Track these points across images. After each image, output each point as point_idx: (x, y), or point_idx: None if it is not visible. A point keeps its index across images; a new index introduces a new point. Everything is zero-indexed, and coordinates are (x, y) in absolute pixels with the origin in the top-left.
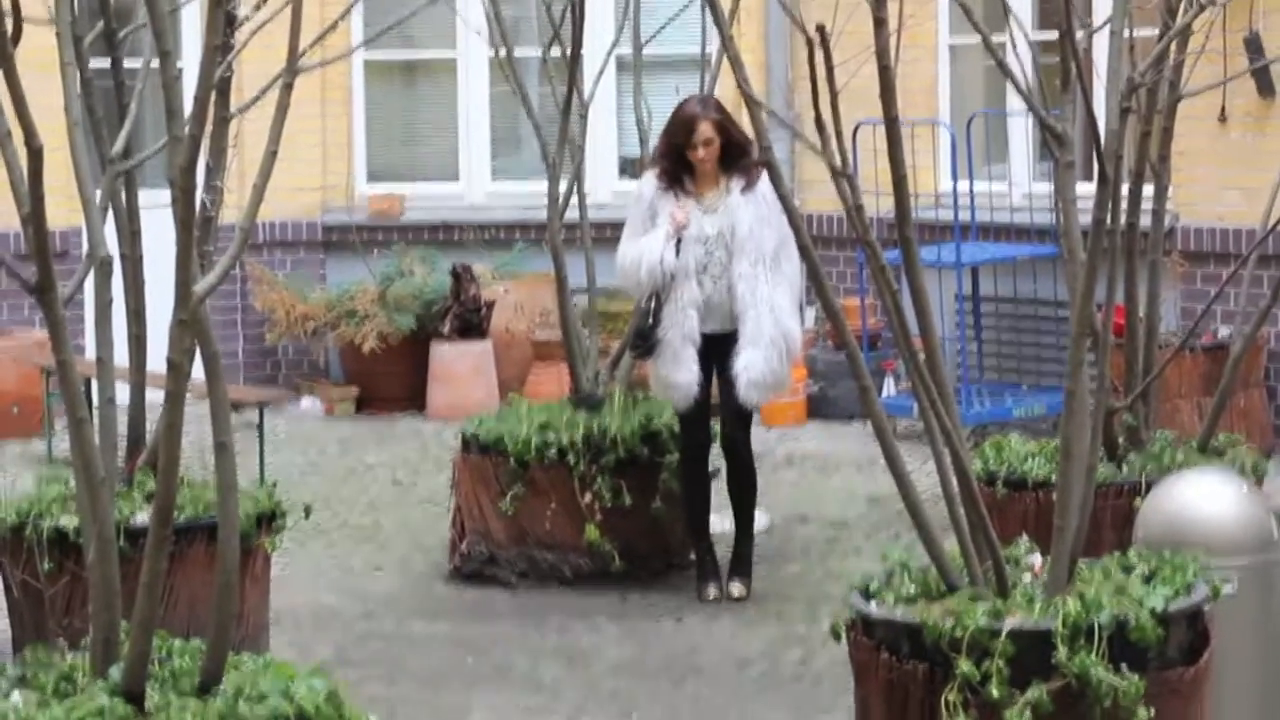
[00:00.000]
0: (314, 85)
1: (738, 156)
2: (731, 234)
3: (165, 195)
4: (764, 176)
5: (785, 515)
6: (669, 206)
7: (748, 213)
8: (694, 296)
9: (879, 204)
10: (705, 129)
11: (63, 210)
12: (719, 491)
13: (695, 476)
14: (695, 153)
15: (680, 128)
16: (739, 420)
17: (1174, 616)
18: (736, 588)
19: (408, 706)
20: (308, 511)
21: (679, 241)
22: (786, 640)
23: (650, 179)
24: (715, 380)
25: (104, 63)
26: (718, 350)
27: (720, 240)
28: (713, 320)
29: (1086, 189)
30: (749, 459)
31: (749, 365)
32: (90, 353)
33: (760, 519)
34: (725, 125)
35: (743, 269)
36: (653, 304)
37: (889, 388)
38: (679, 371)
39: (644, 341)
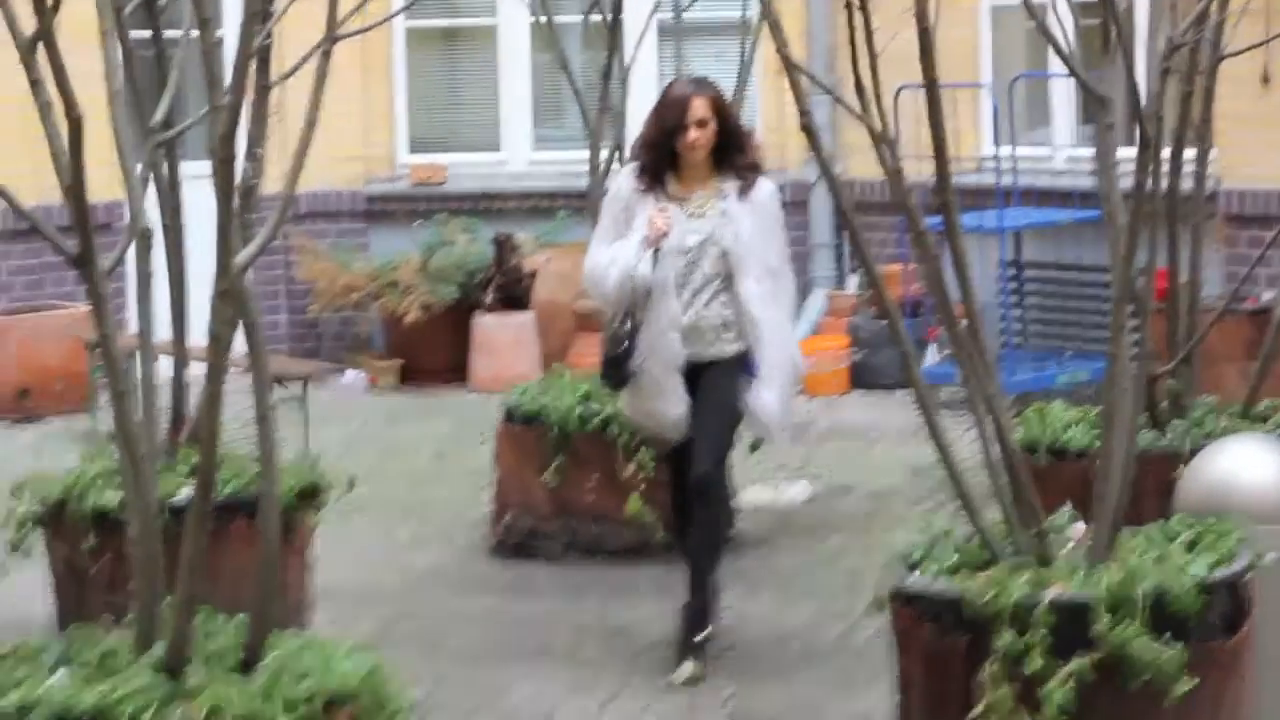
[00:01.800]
0: (355, 53)
1: (734, 153)
2: (735, 242)
3: (207, 166)
4: (768, 186)
5: (827, 486)
6: (648, 209)
7: (747, 222)
8: (674, 317)
9: (921, 169)
10: (700, 106)
11: (104, 182)
12: (759, 462)
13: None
14: (687, 135)
15: (670, 107)
16: (718, 458)
17: (1215, 585)
18: (688, 669)
19: (448, 683)
20: (351, 485)
21: (656, 252)
22: (828, 613)
23: (628, 176)
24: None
25: (144, 33)
26: (698, 374)
27: (705, 251)
28: (691, 345)
29: (1128, 152)
30: (722, 505)
31: (769, 404)
32: (133, 326)
33: (802, 489)
34: (723, 108)
35: (749, 287)
36: (626, 326)
37: (931, 355)
38: (668, 404)
39: (616, 371)
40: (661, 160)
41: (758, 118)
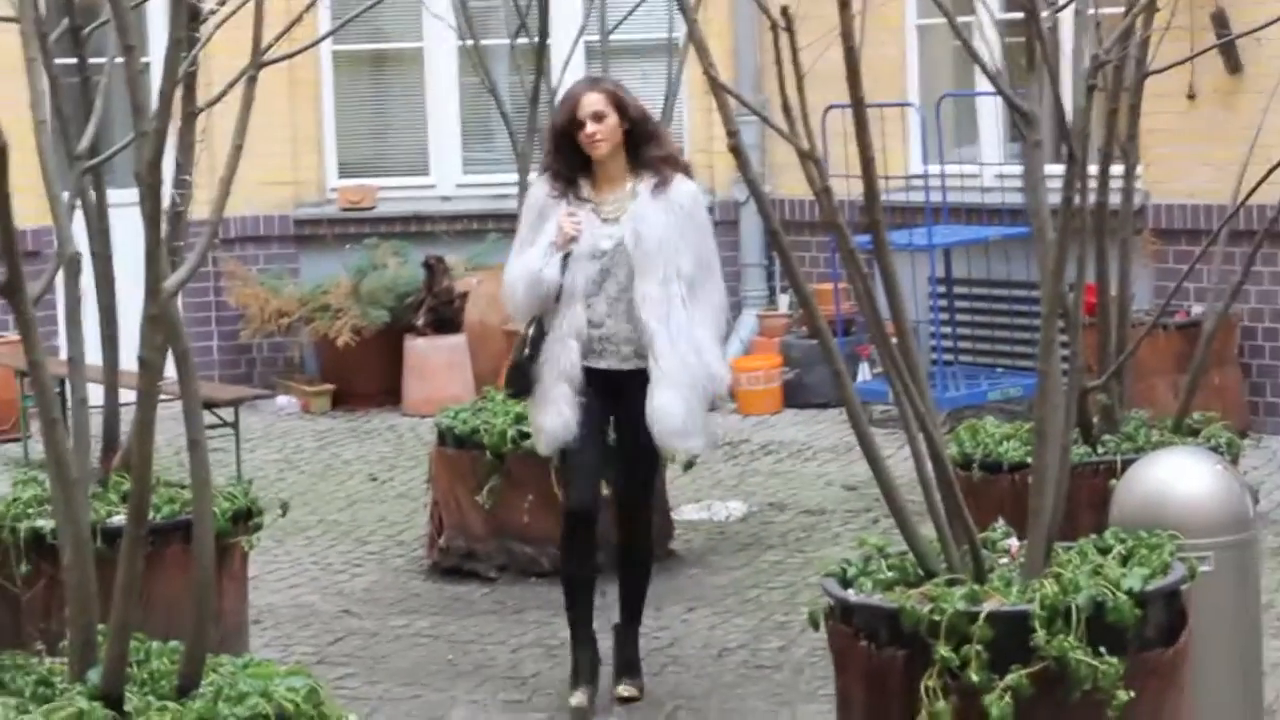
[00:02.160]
0: (282, 78)
1: (645, 146)
2: (635, 243)
3: (134, 192)
4: (688, 187)
5: (762, 503)
6: (559, 215)
7: (658, 220)
8: (577, 324)
9: (849, 187)
10: (593, 100)
11: (31, 209)
12: (693, 480)
13: (580, 551)
14: (584, 133)
15: (563, 105)
16: (640, 478)
17: (1151, 597)
18: (625, 689)
19: (389, 703)
20: (285, 509)
21: (567, 257)
22: (766, 629)
23: (541, 183)
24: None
25: (70, 60)
26: (613, 391)
27: (621, 255)
28: (609, 354)
29: (1056, 169)
30: (648, 530)
31: (665, 412)
32: (63, 353)
33: (737, 507)
34: (621, 99)
35: (648, 289)
36: (532, 331)
37: (864, 373)
38: (547, 415)
39: (520, 377)
40: (571, 164)
41: (686, 138)
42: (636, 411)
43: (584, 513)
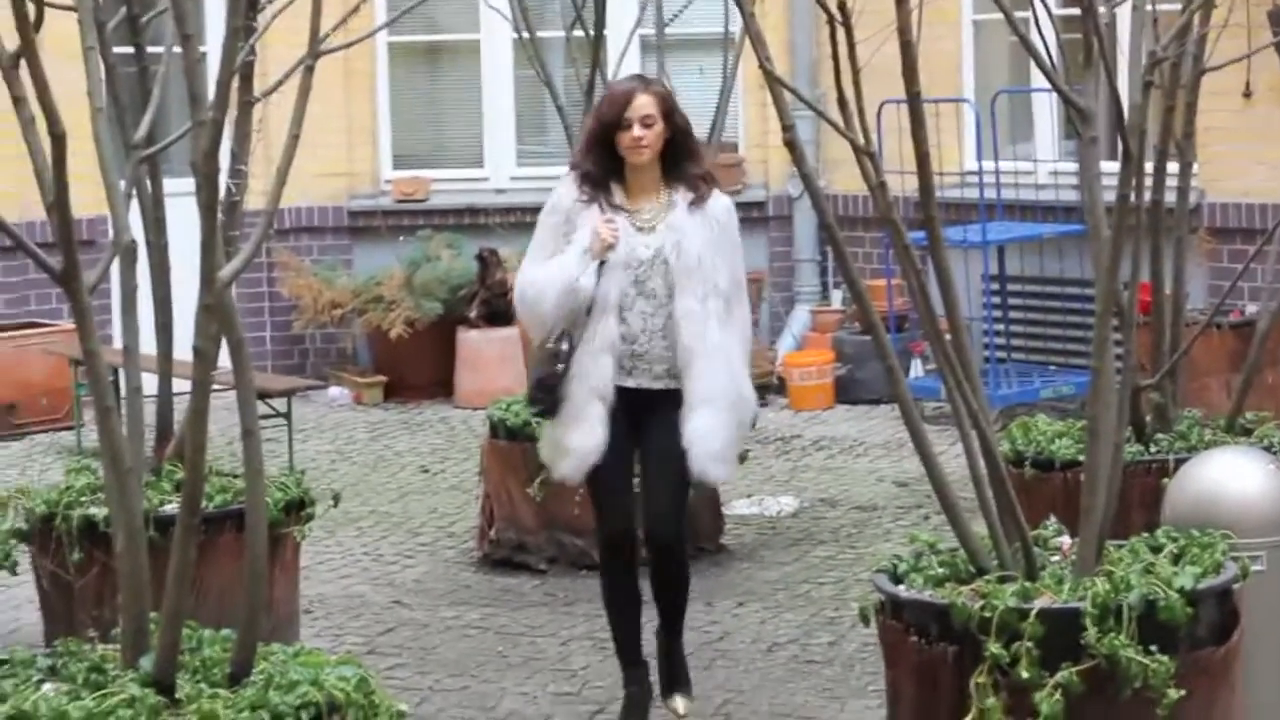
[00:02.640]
0: (338, 69)
1: (685, 161)
2: (676, 256)
3: (190, 182)
4: (724, 201)
5: (813, 498)
6: (591, 220)
7: (696, 233)
8: (610, 338)
9: (904, 183)
10: (645, 103)
11: (88, 198)
12: (745, 476)
13: (625, 578)
14: (630, 134)
15: (612, 102)
16: (673, 506)
17: (1203, 596)
18: (680, 703)
19: (438, 694)
20: (336, 499)
21: (601, 265)
22: (816, 624)
23: (568, 185)
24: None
25: (127, 49)
26: (639, 412)
27: (657, 266)
28: (641, 372)
29: (1111, 166)
30: (682, 556)
31: (706, 433)
32: (118, 342)
33: (788, 502)
34: (672, 107)
35: (688, 305)
36: (564, 345)
37: (916, 369)
38: (577, 433)
39: (548, 395)
40: (605, 166)
41: (741, 132)
42: (668, 434)
43: (625, 536)
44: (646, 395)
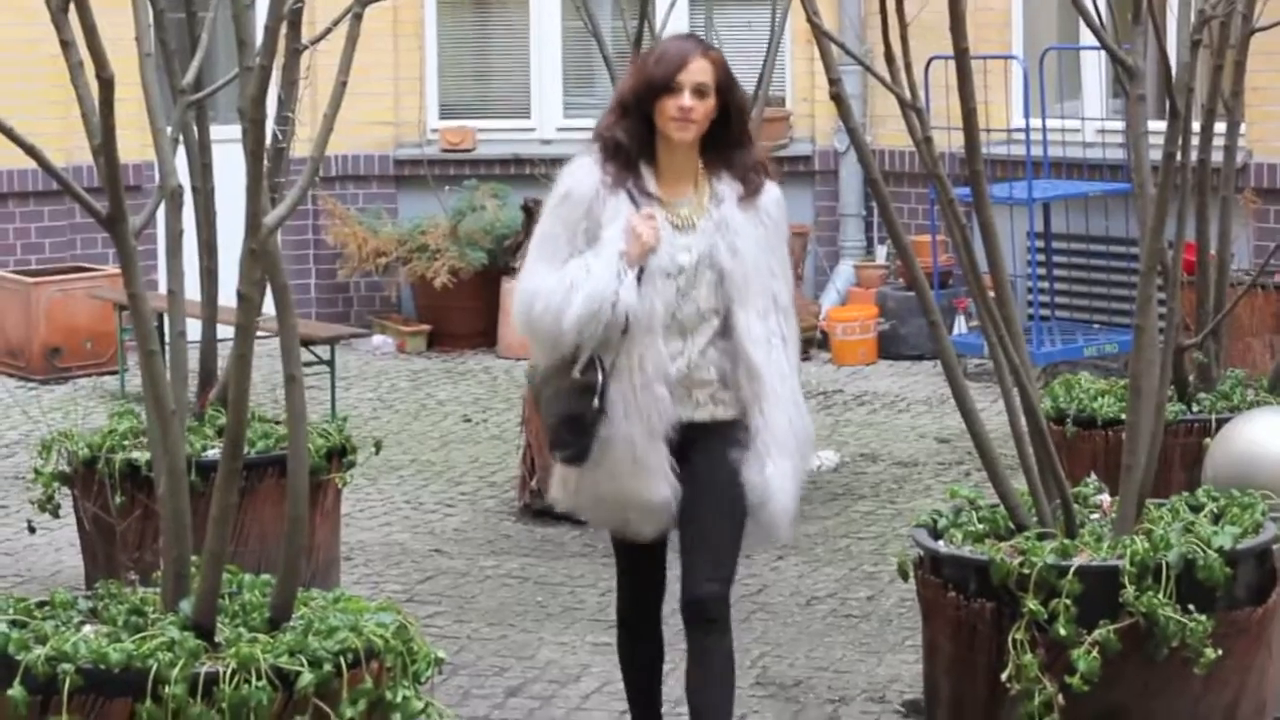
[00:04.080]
0: (386, 18)
1: (734, 146)
2: (732, 262)
3: (237, 129)
4: (775, 192)
5: (854, 453)
6: (623, 211)
7: (750, 234)
8: (662, 364)
9: (950, 140)
10: (700, 67)
11: (135, 143)
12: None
13: (643, 650)
14: (679, 101)
15: (663, 63)
16: (724, 568)
17: (1242, 556)
18: None
19: (477, 642)
20: (378, 447)
21: (640, 273)
22: (855, 578)
23: (588, 167)
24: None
25: None
26: (686, 447)
27: (702, 274)
28: (690, 402)
29: (1159, 125)
30: (729, 631)
31: (781, 488)
32: (163, 286)
33: (829, 457)
34: (729, 79)
35: (750, 324)
36: (597, 374)
37: (960, 326)
38: (646, 484)
39: (581, 437)
40: (640, 140)
41: (788, 86)
42: (725, 477)
43: (651, 594)
44: (700, 428)
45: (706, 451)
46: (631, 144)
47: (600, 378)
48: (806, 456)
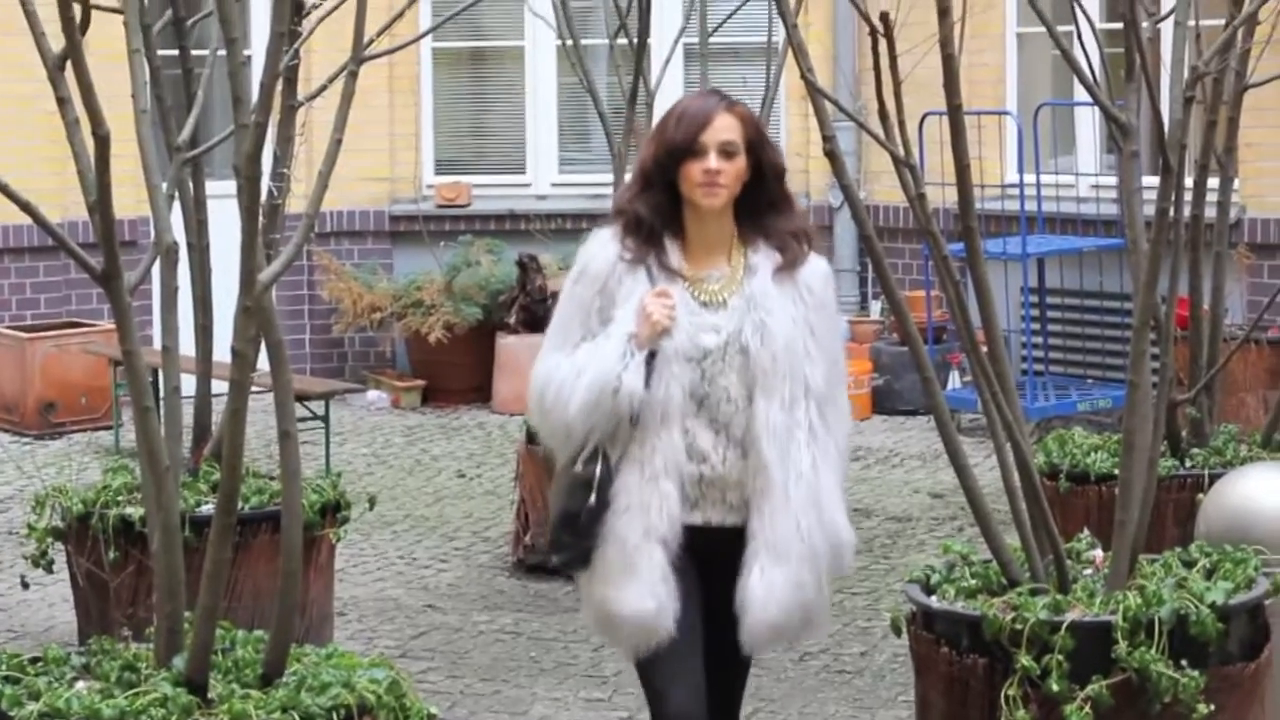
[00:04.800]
0: (382, 75)
1: (770, 211)
2: (760, 343)
3: (232, 184)
4: (820, 265)
5: (848, 509)
6: (639, 290)
7: (785, 312)
8: (676, 458)
9: (944, 195)
10: (726, 125)
11: (130, 199)
12: None
13: None
14: (704, 165)
15: (681, 124)
16: (733, 679)
17: (1234, 611)
18: None
19: (470, 698)
20: (372, 503)
21: (652, 357)
22: (848, 634)
23: (604, 243)
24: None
25: (172, 51)
26: (709, 555)
27: (731, 358)
28: (711, 503)
29: (1152, 180)
30: None
31: (767, 595)
32: (157, 342)
33: None
34: (760, 135)
35: (771, 414)
36: (597, 468)
37: (954, 381)
38: (628, 593)
39: (579, 539)
40: (664, 213)
41: (783, 142)
42: (724, 612)
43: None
44: (717, 535)
45: (730, 555)
46: (654, 217)
47: (599, 470)
48: (823, 566)
